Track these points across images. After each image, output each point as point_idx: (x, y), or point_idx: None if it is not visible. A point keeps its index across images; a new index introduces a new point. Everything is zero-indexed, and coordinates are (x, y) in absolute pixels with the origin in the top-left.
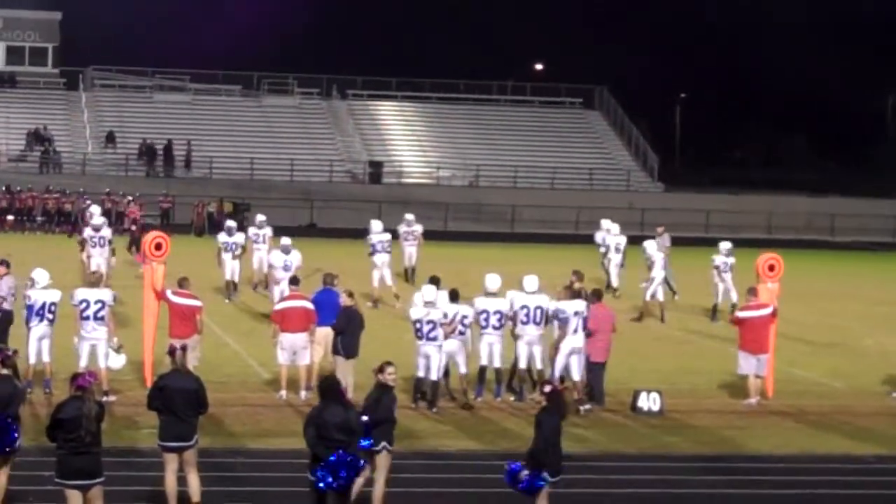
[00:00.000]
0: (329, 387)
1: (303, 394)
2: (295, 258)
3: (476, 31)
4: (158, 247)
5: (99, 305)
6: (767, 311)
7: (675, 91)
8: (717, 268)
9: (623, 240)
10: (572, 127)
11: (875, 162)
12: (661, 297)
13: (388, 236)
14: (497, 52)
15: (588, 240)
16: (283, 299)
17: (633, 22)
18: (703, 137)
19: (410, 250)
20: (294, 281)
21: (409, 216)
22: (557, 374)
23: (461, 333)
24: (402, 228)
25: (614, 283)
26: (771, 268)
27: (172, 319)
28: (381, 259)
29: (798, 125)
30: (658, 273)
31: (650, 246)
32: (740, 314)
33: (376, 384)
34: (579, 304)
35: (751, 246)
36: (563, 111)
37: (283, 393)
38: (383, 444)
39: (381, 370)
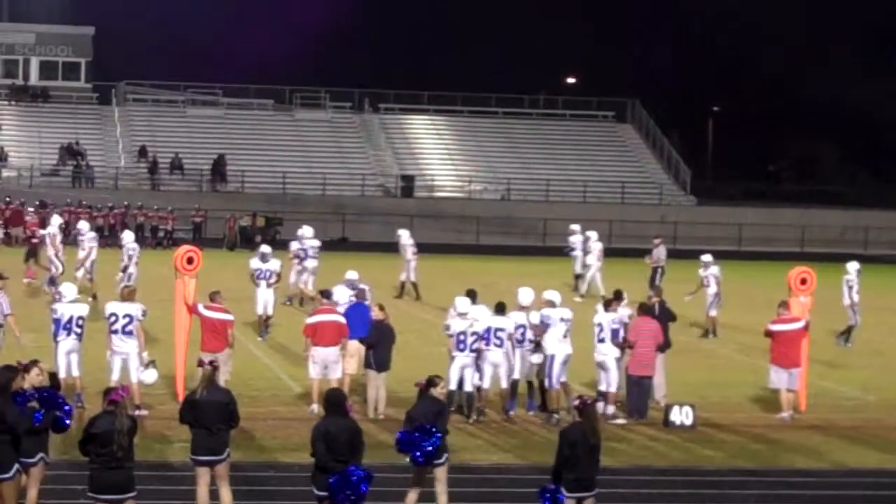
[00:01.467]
0: (335, 400)
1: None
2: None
3: (507, 45)
4: (190, 261)
5: (127, 319)
6: (800, 324)
7: (707, 104)
8: (850, 288)
9: (600, 246)
10: (604, 140)
11: None
12: (713, 311)
13: (317, 242)
14: (528, 65)
15: (621, 253)
16: (315, 313)
17: (665, 35)
18: (735, 150)
19: (414, 265)
20: (326, 294)
21: (405, 231)
22: (556, 383)
23: (499, 346)
24: (403, 241)
25: (601, 290)
26: (803, 281)
27: (204, 333)
28: (311, 264)
29: (831, 137)
30: (715, 288)
31: (708, 259)
32: (772, 327)
33: (427, 398)
34: (566, 312)
35: (784, 259)
36: (594, 125)
37: (315, 407)
38: (446, 455)
39: (432, 384)
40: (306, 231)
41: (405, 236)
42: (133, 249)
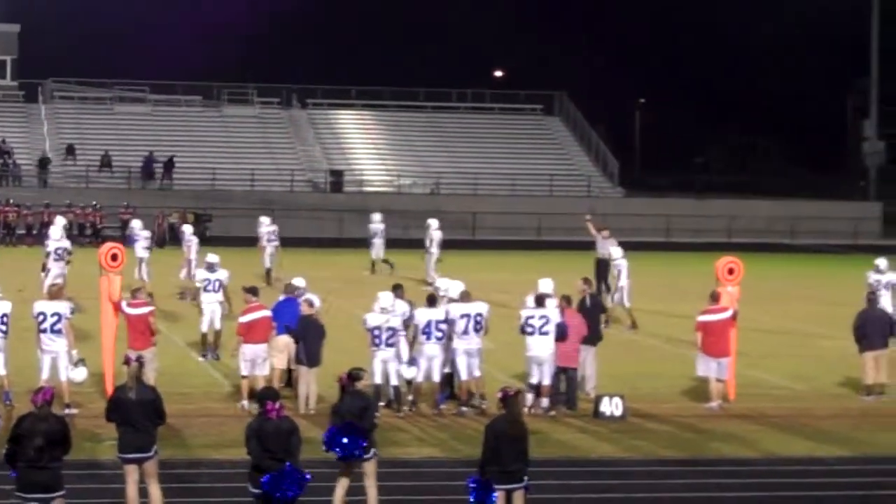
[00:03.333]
0: (268, 397)
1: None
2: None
3: (435, 40)
4: (115, 258)
5: (56, 318)
6: (727, 314)
7: (634, 96)
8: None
9: (440, 234)
10: (532, 133)
11: (835, 165)
12: (627, 302)
13: (147, 233)
14: (456, 59)
15: (551, 246)
16: (246, 311)
17: (591, 28)
18: (662, 142)
19: (271, 251)
20: (253, 291)
21: (265, 218)
22: (465, 376)
23: (439, 339)
24: (262, 230)
25: (432, 276)
26: (730, 271)
27: (129, 331)
28: (142, 254)
29: (758, 129)
30: (625, 280)
31: (616, 252)
32: (701, 318)
33: (351, 392)
34: (480, 307)
35: (712, 250)
36: (522, 118)
37: (245, 403)
38: (374, 450)
39: (357, 378)
40: (136, 224)
41: (265, 223)
42: (47, 246)
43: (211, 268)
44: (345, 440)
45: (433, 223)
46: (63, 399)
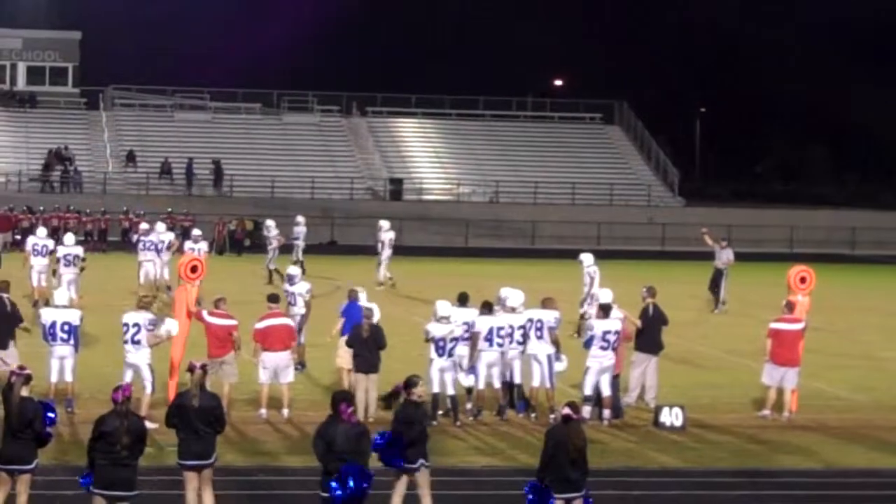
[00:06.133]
0: (343, 399)
1: (285, 412)
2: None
3: (495, 48)
4: (194, 269)
5: (136, 329)
6: (800, 325)
7: (694, 105)
8: None
9: (392, 235)
10: (592, 142)
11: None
12: (587, 308)
13: (169, 236)
14: (516, 67)
15: (610, 255)
16: (263, 318)
17: (651, 37)
18: (723, 151)
19: (273, 255)
20: (274, 299)
21: (271, 222)
22: (535, 383)
23: (500, 346)
24: (271, 233)
25: (381, 276)
26: (802, 279)
27: (209, 340)
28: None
29: (818, 139)
30: (594, 289)
31: (587, 259)
32: (773, 325)
33: (408, 400)
34: (542, 313)
35: (772, 260)
36: (582, 126)
37: (264, 411)
38: (421, 461)
39: (414, 385)
40: (146, 227)
41: (272, 227)
42: (57, 252)
43: (291, 280)
44: (384, 444)
45: (384, 224)
46: (140, 411)
